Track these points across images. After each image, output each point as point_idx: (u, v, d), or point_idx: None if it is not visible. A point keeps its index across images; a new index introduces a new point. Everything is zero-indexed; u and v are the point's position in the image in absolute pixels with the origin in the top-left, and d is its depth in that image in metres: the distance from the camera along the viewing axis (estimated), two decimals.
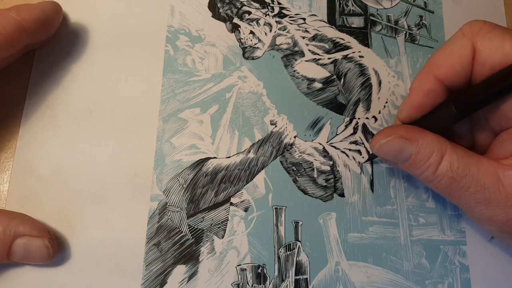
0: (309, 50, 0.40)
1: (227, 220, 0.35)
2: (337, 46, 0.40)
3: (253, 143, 0.37)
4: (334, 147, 0.38)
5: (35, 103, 0.35)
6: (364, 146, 0.38)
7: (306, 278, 0.35)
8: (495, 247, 0.37)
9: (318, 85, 0.39)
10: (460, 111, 0.31)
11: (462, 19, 0.42)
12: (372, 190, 0.37)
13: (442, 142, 0.32)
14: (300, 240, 0.36)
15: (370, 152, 0.37)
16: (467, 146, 0.34)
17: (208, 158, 0.36)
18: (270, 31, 0.40)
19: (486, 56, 0.30)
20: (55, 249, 0.32)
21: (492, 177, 0.31)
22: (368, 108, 0.39)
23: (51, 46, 0.37)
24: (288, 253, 0.35)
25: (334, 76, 0.40)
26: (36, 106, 0.35)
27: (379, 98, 0.40)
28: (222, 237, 0.35)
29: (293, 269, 0.35)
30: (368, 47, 0.41)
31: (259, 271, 0.35)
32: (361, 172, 0.38)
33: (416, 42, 0.42)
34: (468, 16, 0.42)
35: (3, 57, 0.31)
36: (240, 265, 0.35)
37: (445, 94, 0.33)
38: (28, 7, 0.32)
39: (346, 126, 0.39)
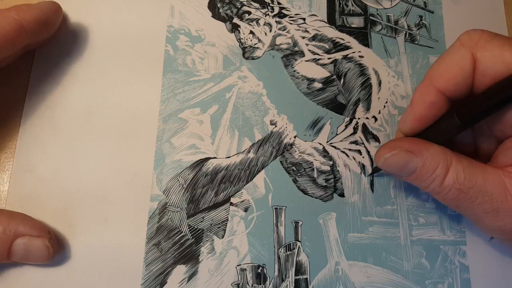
0: (309, 50, 0.40)
1: (227, 220, 0.35)
2: (337, 46, 0.40)
3: (253, 143, 0.37)
4: (334, 147, 0.38)
5: (35, 103, 0.35)
6: (364, 146, 0.38)
7: (306, 278, 0.35)
8: (495, 247, 0.37)
9: (318, 85, 0.39)
10: (463, 121, 0.31)
11: (462, 19, 0.42)
12: (372, 190, 0.37)
13: (447, 153, 0.31)
14: (300, 240, 0.36)
15: (374, 166, 0.37)
16: (470, 153, 0.34)
17: (208, 158, 0.36)
18: (270, 31, 0.40)
19: (487, 66, 0.30)
20: (55, 249, 0.32)
21: (499, 187, 0.30)
22: (368, 108, 0.39)
23: (51, 46, 0.37)
24: (288, 253, 0.35)
25: (334, 76, 0.40)
26: (36, 106, 0.35)
27: (379, 98, 0.40)
28: (222, 237, 0.35)
29: (293, 269, 0.35)
30: (368, 47, 0.41)
31: (259, 271, 0.35)
32: (361, 172, 0.38)
33: (416, 42, 0.41)
34: (468, 16, 0.42)
35: (3, 57, 0.31)
36: (240, 265, 0.35)
37: (447, 105, 0.32)
38: (28, 7, 0.32)
39: (346, 126, 0.39)
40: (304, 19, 0.41)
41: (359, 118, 0.39)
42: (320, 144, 0.38)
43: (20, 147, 0.35)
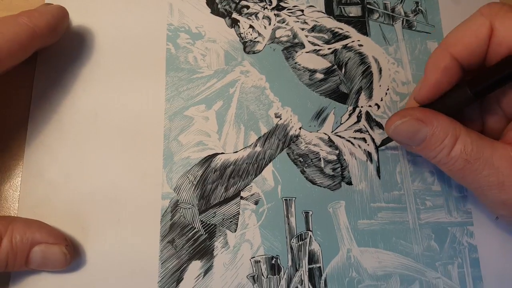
0: (309, 41, 0.40)
1: (239, 214, 0.36)
2: (336, 36, 0.41)
3: (259, 137, 0.37)
4: (339, 136, 0.38)
5: (40, 108, 0.35)
6: (369, 134, 0.39)
7: (320, 267, 0.35)
8: (502, 226, 0.38)
9: (319, 75, 0.40)
10: (474, 92, 0.31)
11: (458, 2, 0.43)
12: (379, 177, 0.38)
13: (456, 125, 0.32)
14: (311, 229, 0.36)
15: (386, 136, 0.37)
16: (478, 131, 0.34)
17: (216, 154, 0.37)
18: (269, 24, 0.40)
19: (504, 35, 0.31)
20: (72, 255, 0.32)
21: (506, 161, 0.31)
22: (370, 96, 0.40)
23: (53, 50, 0.36)
24: (300, 243, 0.36)
25: (335, 66, 0.40)
26: (41, 110, 0.35)
27: (380, 85, 0.40)
28: (235, 231, 0.35)
29: (306, 258, 0.35)
30: (367, 36, 0.41)
31: (273, 262, 0.35)
32: (367, 160, 0.38)
33: (414, 28, 0.42)
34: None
35: (16, 63, 0.31)
36: (254, 257, 0.35)
37: (459, 73, 0.33)
38: (40, 13, 0.32)
39: (350, 115, 0.39)
40: (302, 10, 0.41)
41: (362, 107, 0.39)
42: (326, 134, 0.38)
43: (28, 153, 0.35)
